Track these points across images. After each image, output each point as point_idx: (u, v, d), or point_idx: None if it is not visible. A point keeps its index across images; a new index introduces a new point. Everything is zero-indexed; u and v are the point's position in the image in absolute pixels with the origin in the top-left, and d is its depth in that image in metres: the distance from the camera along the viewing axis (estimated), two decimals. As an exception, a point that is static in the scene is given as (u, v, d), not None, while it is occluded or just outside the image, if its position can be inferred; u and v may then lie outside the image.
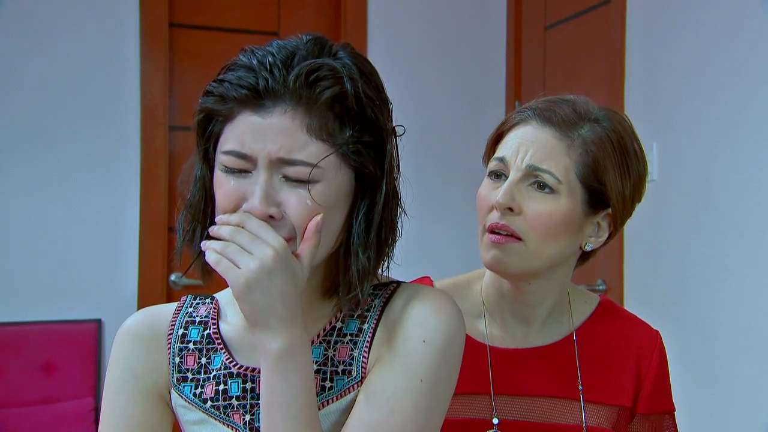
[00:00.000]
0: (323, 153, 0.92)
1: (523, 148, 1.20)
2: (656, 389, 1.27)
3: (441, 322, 0.98)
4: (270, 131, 0.91)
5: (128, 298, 3.20)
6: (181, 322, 1.08)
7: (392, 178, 0.99)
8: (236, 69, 0.94)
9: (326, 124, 0.92)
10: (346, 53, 0.96)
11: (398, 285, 1.05)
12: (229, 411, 1.02)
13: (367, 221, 0.98)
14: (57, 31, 3.15)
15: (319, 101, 0.91)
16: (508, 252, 1.19)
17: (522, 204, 1.19)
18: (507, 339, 1.28)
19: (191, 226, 1.01)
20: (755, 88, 2.32)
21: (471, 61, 3.62)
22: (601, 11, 3.01)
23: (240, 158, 0.93)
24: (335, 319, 1.03)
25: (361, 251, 0.97)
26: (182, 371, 1.05)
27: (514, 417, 1.24)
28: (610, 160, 1.19)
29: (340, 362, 1.00)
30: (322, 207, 0.93)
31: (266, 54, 0.93)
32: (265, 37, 3.43)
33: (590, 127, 1.20)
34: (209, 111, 0.96)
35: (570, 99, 1.24)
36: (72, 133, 3.16)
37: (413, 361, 0.96)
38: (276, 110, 0.91)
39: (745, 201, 2.33)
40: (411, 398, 0.95)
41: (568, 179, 1.18)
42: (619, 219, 1.24)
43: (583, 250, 1.25)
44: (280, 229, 0.93)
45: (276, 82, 0.91)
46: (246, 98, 0.92)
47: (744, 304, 2.32)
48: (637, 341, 1.29)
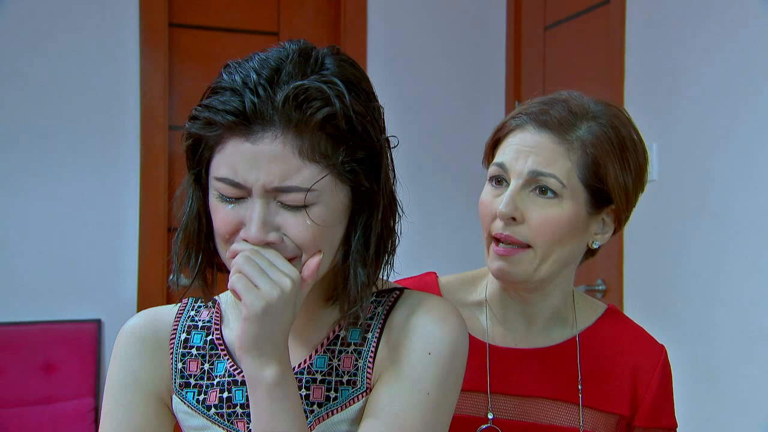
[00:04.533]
0: (317, 175, 0.91)
1: (523, 154, 1.19)
2: (657, 404, 1.26)
3: (446, 333, 0.98)
4: (262, 159, 0.90)
5: (128, 298, 3.20)
6: (183, 326, 1.08)
7: (388, 189, 0.98)
8: (220, 92, 0.91)
9: (318, 145, 0.90)
10: (332, 61, 0.94)
11: (401, 293, 1.05)
12: (233, 419, 1.01)
13: (366, 234, 0.97)
14: (56, 31, 3.15)
15: (310, 124, 0.90)
16: (514, 262, 1.19)
17: (525, 212, 1.18)
18: (508, 337, 1.28)
19: (186, 251, 1.00)
20: (755, 88, 2.31)
21: (471, 61, 3.62)
22: (600, 11, 3.01)
23: (234, 186, 0.92)
24: (338, 328, 1.02)
25: (360, 267, 0.97)
26: (185, 377, 1.05)
27: (510, 416, 1.24)
28: (609, 157, 1.19)
29: (345, 372, 1.00)
30: (321, 227, 0.92)
31: (249, 71, 0.91)
32: (264, 37, 3.43)
33: (587, 127, 1.19)
34: (197, 136, 0.94)
35: (564, 98, 1.23)
36: (71, 133, 3.16)
37: (420, 375, 0.96)
38: (266, 136, 0.89)
39: (745, 201, 2.33)
40: (419, 412, 0.96)
41: (571, 182, 1.18)
42: (624, 213, 1.24)
43: (590, 248, 1.25)
44: (282, 251, 0.93)
45: (263, 103, 0.89)
46: (234, 124, 0.90)
47: (744, 304, 2.32)
48: (636, 355, 1.28)
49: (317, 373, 1.00)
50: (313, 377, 1.00)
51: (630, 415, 1.26)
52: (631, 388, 1.26)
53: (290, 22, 3.48)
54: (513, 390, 1.24)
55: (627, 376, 1.26)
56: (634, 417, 1.26)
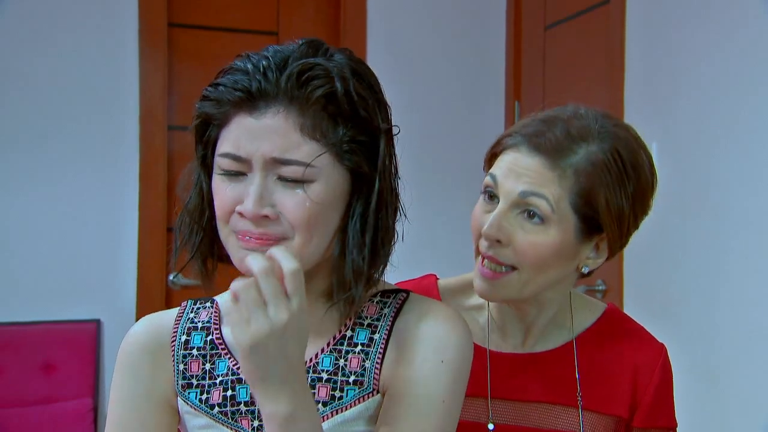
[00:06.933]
0: (317, 152, 0.92)
1: (514, 174, 1.16)
2: (656, 404, 1.25)
3: (456, 341, 1.00)
4: (264, 132, 0.92)
5: (127, 298, 3.19)
6: (183, 328, 1.08)
7: (387, 177, 0.99)
8: (232, 73, 0.95)
9: (320, 123, 0.92)
10: (342, 56, 0.96)
11: (407, 295, 1.06)
12: (237, 417, 1.02)
13: (362, 221, 0.97)
14: (56, 30, 3.14)
15: (311, 101, 0.92)
16: (498, 286, 1.18)
17: (511, 235, 1.15)
18: (507, 342, 1.27)
19: (189, 229, 1.01)
20: (755, 88, 2.31)
21: (470, 61, 3.62)
22: (600, 11, 3.01)
23: (235, 161, 0.93)
24: (344, 328, 1.03)
25: (356, 251, 0.97)
26: (187, 378, 1.05)
27: (510, 421, 1.24)
28: (603, 186, 1.15)
29: (352, 372, 1.01)
30: (318, 205, 0.93)
31: (261, 58, 0.94)
32: (264, 36, 3.43)
33: (584, 153, 1.15)
34: (206, 116, 0.97)
35: (566, 117, 1.18)
36: (71, 133, 3.16)
37: (434, 384, 0.98)
38: (269, 111, 0.92)
39: (745, 201, 2.33)
40: (435, 420, 0.97)
41: (560, 208, 1.14)
42: (617, 241, 1.21)
43: (581, 272, 1.23)
44: (276, 228, 0.93)
45: (269, 83, 0.92)
46: (240, 101, 0.92)
47: (744, 304, 2.32)
48: (636, 354, 1.26)
49: (323, 372, 1.01)
50: (318, 376, 1.01)
51: (629, 416, 1.26)
52: (630, 388, 1.25)
53: (290, 21, 3.48)
54: (513, 395, 1.24)
55: (627, 377, 1.26)
56: (633, 417, 1.26)
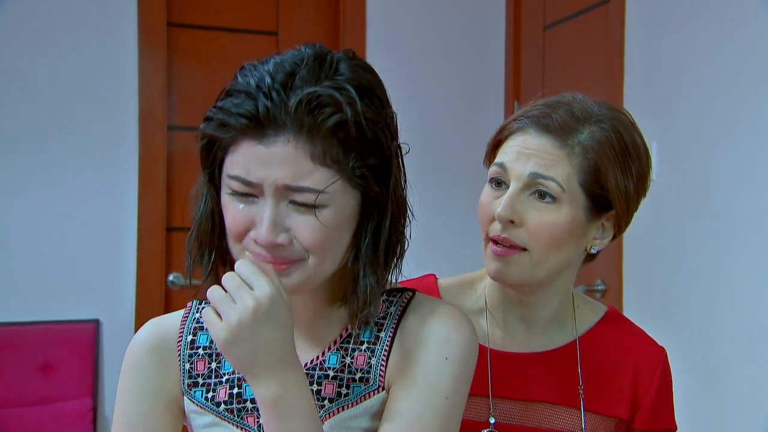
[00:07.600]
0: (329, 179, 0.92)
1: (524, 156, 1.18)
2: (657, 406, 1.26)
3: (461, 339, 1.01)
4: (274, 159, 0.91)
5: (127, 298, 3.19)
6: (189, 328, 1.09)
7: (398, 195, 0.99)
8: (234, 95, 0.93)
9: (330, 150, 0.92)
10: (347, 66, 0.95)
11: (413, 295, 1.07)
12: (243, 414, 1.02)
13: (375, 239, 0.98)
14: (55, 30, 3.14)
15: (321, 129, 0.91)
16: (511, 264, 1.19)
17: (523, 215, 1.17)
18: (508, 340, 1.27)
19: (200, 249, 1.02)
20: (755, 88, 2.31)
21: (470, 60, 3.62)
22: (600, 11, 3.01)
23: (245, 185, 0.93)
24: (350, 326, 1.04)
25: (369, 271, 0.98)
26: (193, 376, 1.06)
27: (511, 420, 1.24)
28: (611, 163, 1.18)
29: (358, 370, 1.02)
30: (330, 230, 0.93)
31: (264, 75, 0.92)
32: (263, 36, 3.43)
33: (589, 132, 1.18)
34: (211, 137, 0.96)
35: (567, 101, 1.22)
36: (70, 133, 3.16)
37: (438, 380, 0.99)
38: (279, 140, 0.91)
39: (745, 201, 2.33)
40: (439, 417, 0.98)
41: (570, 187, 1.17)
42: (624, 219, 1.23)
43: (589, 253, 1.24)
44: (291, 252, 0.94)
45: (276, 107, 0.90)
46: (247, 127, 0.91)
47: (744, 304, 2.32)
48: (638, 356, 1.27)
49: (330, 369, 1.02)
50: (325, 373, 1.02)
51: (630, 418, 1.26)
52: (631, 390, 1.26)
53: (289, 21, 3.48)
54: (514, 394, 1.24)
55: (628, 379, 1.26)
56: (634, 419, 1.26)
